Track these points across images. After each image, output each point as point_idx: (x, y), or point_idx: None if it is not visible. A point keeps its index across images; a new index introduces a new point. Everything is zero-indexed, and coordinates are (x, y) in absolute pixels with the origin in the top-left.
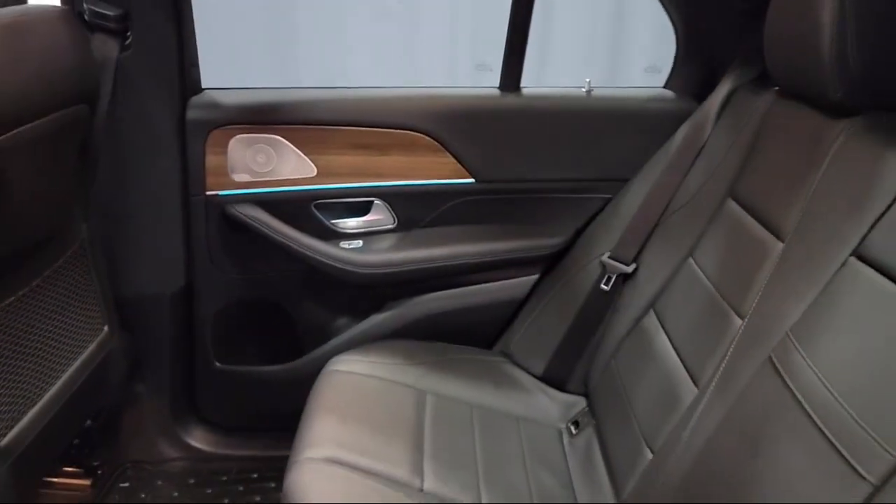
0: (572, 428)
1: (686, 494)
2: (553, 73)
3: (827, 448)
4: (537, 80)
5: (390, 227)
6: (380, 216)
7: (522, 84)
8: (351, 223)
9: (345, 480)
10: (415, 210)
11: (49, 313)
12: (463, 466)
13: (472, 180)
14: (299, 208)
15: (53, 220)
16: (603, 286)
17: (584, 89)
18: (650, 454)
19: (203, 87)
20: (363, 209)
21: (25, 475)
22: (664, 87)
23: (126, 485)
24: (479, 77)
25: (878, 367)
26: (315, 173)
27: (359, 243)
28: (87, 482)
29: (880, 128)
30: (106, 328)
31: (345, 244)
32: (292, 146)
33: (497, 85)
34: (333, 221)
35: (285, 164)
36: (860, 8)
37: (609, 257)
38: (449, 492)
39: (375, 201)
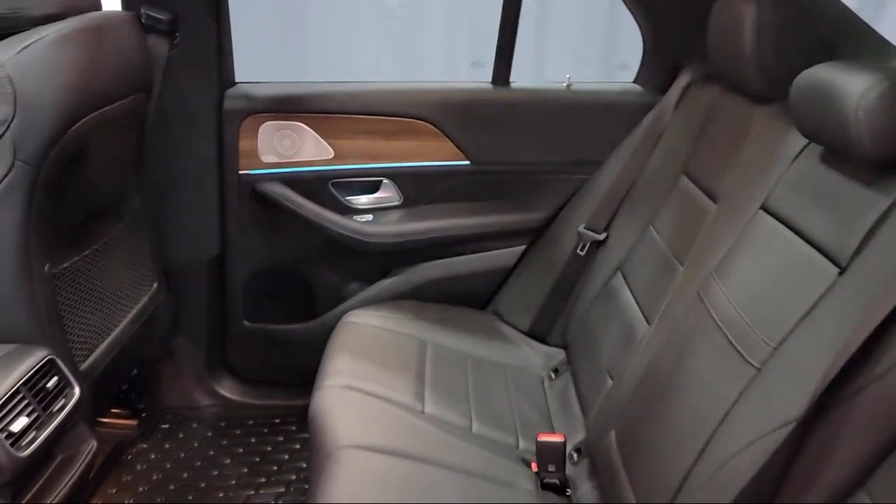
0: (552, 375)
1: (633, 403)
2: (551, 69)
3: (727, 346)
4: (538, 74)
5: (397, 203)
6: (388, 193)
7: (512, 79)
8: (363, 199)
9: (359, 402)
10: (418, 188)
11: (113, 267)
12: (457, 399)
13: (467, 162)
14: (318, 186)
15: (116, 190)
16: (579, 252)
17: (564, 84)
18: (611, 381)
19: (237, 80)
20: (373, 187)
21: (97, 398)
22: (633, 81)
23: (166, 426)
24: (475, 73)
25: (765, 285)
26: (332, 156)
27: (369, 217)
28: (133, 422)
29: (788, 113)
30: (155, 285)
31: (357, 218)
32: (313, 132)
33: (490, 80)
34: (347, 198)
35: (307, 148)
36: (772, 21)
37: (584, 228)
38: (445, 416)
39: (384, 180)
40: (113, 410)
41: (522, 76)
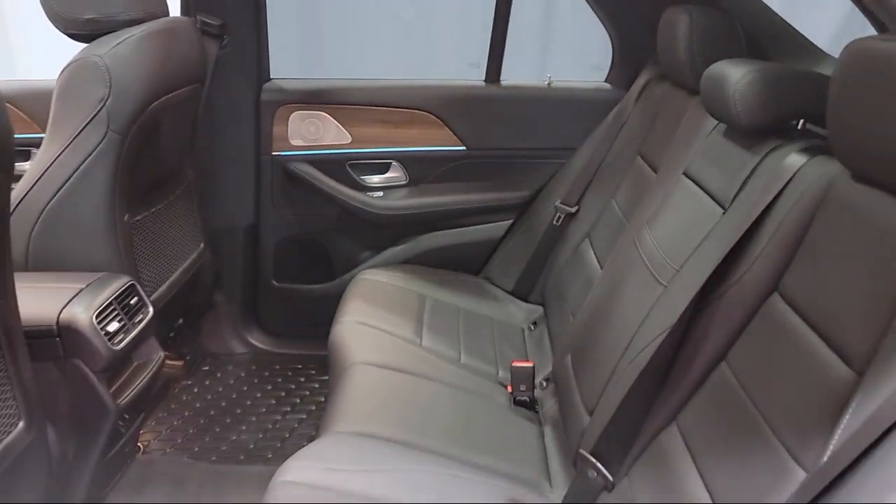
0: (532, 327)
1: (583, 329)
2: (553, 67)
3: (648, 274)
4: (541, 72)
5: (404, 182)
6: (396, 174)
7: (503, 78)
8: (375, 178)
9: (369, 333)
10: (421, 169)
11: (172, 225)
12: (450, 337)
13: (463, 148)
14: (337, 166)
15: (176, 163)
16: (555, 223)
17: (545, 82)
18: (572, 320)
19: (272, 76)
20: (384, 168)
21: (160, 326)
22: (605, 80)
23: (206, 368)
24: (470, 72)
25: (678, 228)
26: (349, 140)
27: (380, 193)
28: (180, 363)
29: None
30: (202, 245)
31: (370, 194)
32: (334, 120)
33: (483, 78)
34: (362, 177)
35: (328, 134)
36: (702, 29)
37: (560, 203)
38: (439, 349)
39: (393, 162)
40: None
41: (522, 72)
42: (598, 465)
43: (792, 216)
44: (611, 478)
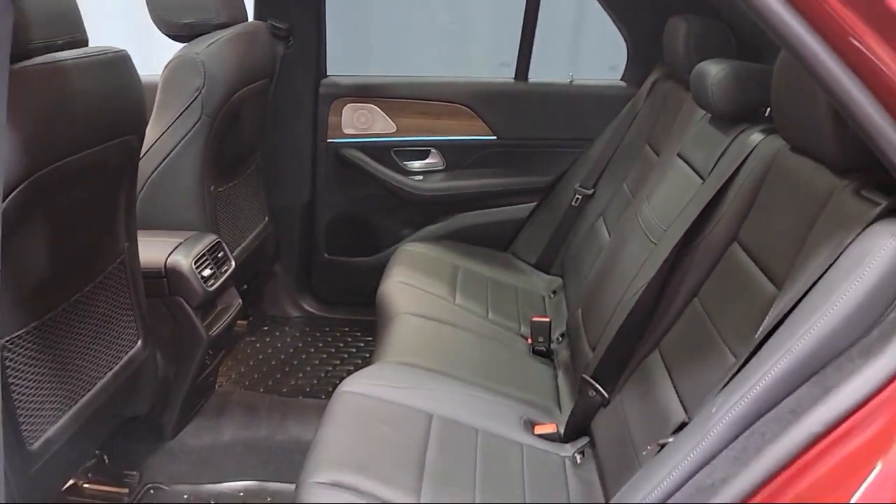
0: (552, 294)
1: (591, 286)
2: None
3: (644, 237)
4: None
5: (441, 167)
6: (435, 160)
7: (530, 76)
8: (416, 164)
9: (411, 291)
10: (457, 156)
11: (246, 198)
12: (479, 299)
13: (494, 137)
14: (384, 152)
15: (251, 146)
16: (573, 204)
17: (568, 80)
18: (584, 283)
19: (328, 73)
20: (424, 154)
21: (237, 284)
22: (620, 79)
23: (266, 328)
24: (501, 70)
25: (669, 198)
26: (395, 130)
27: (420, 177)
28: (244, 323)
29: None
30: (266, 219)
31: (412, 177)
32: (381, 111)
33: (513, 76)
34: (405, 162)
35: (377, 124)
36: (697, 34)
37: (578, 186)
38: (469, 306)
39: (432, 150)
40: None
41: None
42: (597, 385)
43: (748, 182)
44: (606, 395)
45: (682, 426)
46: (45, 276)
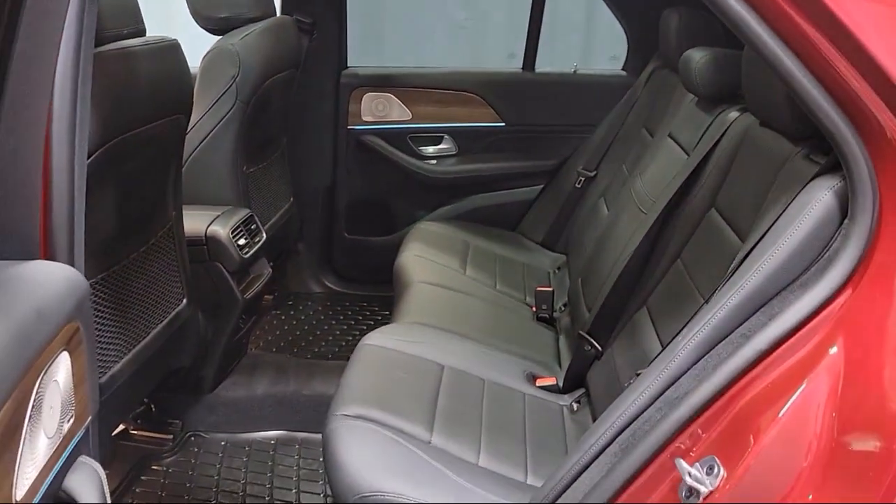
0: (556, 270)
1: (588, 259)
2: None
3: (636, 209)
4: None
5: (454, 152)
6: (448, 145)
7: (537, 66)
8: (430, 149)
9: (425, 263)
10: (468, 141)
11: (274, 179)
12: (487, 273)
13: (503, 124)
14: (400, 138)
15: (277, 130)
16: (577, 186)
17: (572, 70)
18: (584, 257)
19: (349, 65)
20: (437, 140)
21: (270, 255)
22: (621, 69)
23: (290, 303)
24: (510, 61)
25: (657, 173)
26: (410, 117)
27: (434, 162)
28: (270, 297)
29: None
30: (291, 199)
31: (426, 162)
32: (398, 100)
33: (520, 66)
34: (420, 147)
35: (393, 111)
36: (688, 25)
37: (582, 168)
38: (478, 279)
39: (445, 136)
40: None
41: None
42: (592, 339)
43: (724, 155)
44: (600, 349)
45: None
46: (110, 235)
